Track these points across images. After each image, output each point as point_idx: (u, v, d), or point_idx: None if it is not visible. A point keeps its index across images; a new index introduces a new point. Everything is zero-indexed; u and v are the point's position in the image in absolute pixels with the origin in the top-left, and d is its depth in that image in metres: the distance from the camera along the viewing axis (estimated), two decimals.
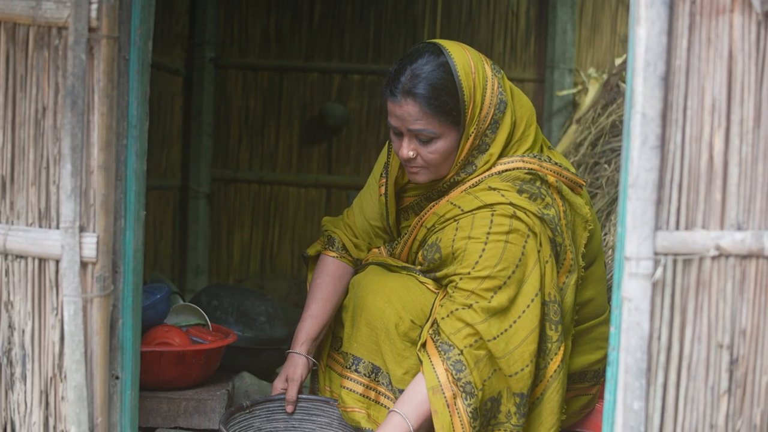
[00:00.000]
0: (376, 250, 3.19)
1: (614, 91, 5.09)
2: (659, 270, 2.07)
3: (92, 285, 2.26)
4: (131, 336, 2.35)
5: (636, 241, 2.07)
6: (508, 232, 2.75)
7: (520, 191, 2.82)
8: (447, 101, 2.79)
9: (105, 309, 2.28)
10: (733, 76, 2.08)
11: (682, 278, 2.09)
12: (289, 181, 6.24)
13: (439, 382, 2.70)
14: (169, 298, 3.55)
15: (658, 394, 2.11)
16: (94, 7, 2.20)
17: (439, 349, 2.73)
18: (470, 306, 2.73)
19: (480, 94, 2.84)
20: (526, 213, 2.78)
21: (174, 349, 3.19)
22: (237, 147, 6.24)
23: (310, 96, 6.19)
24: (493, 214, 2.78)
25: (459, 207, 2.85)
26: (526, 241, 2.75)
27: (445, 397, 2.69)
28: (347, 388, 2.94)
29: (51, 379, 2.31)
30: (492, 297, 2.73)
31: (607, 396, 2.15)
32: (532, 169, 2.88)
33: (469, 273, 2.75)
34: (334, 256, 3.20)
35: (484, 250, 2.75)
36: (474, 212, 2.81)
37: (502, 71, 2.94)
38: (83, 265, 2.25)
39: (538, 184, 2.86)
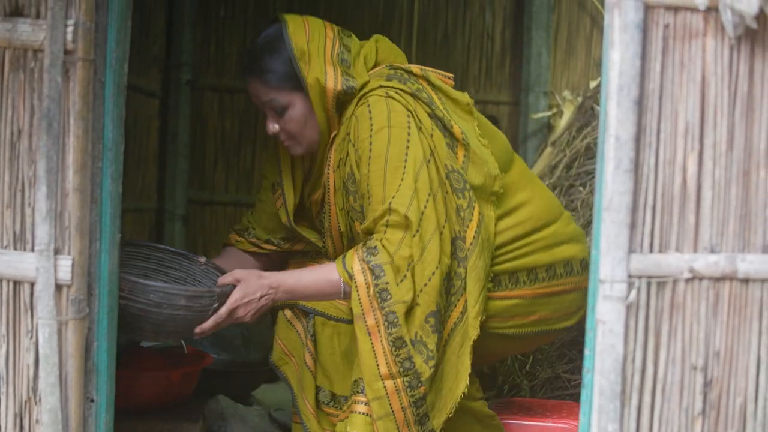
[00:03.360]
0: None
1: (589, 114, 5.11)
2: (633, 292, 2.08)
3: (67, 308, 2.25)
4: (106, 359, 2.34)
5: (610, 264, 2.08)
6: (388, 115, 2.77)
7: (388, 78, 2.88)
8: (282, 69, 2.87)
9: (80, 332, 2.27)
10: (706, 99, 2.10)
11: (656, 301, 2.10)
12: None
13: (362, 309, 2.67)
14: None
15: (633, 416, 2.11)
16: (69, 29, 2.20)
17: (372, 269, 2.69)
18: (385, 239, 2.69)
19: (315, 55, 2.87)
20: (397, 92, 2.82)
21: (149, 372, 3.18)
22: (213, 169, 6.21)
23: None
24: (369, 105, 2.81)
25: (343, 125, 2.90)
26: (408, 122, 2.77)
27: (366, 325, 2.67)
28: (358, 412, 2.82)
29: (25, 402, 2.30)
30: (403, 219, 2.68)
31: (582, 418, 2.16)
32: (392, 65, 2.97)
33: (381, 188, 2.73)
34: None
35: (371, 143, 2.77)
36: (354, 114, 2.85)
37: (354, 39, 2.98)
38: (58, 287, 2.24)
39: (404, 75, 2.92)
